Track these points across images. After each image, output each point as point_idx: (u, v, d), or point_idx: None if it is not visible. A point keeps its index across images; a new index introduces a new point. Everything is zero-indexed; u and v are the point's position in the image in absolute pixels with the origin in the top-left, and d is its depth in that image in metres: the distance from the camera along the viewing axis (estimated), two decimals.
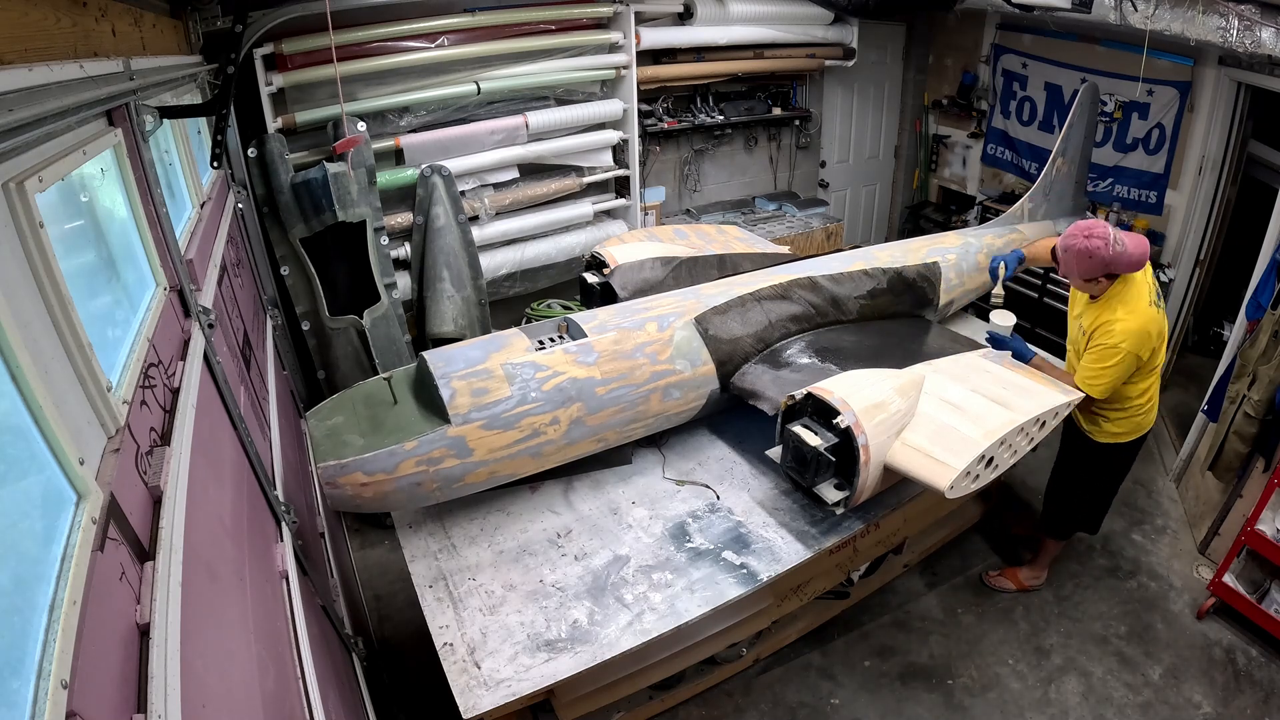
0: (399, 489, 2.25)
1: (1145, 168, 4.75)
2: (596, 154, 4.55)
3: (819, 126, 5.93)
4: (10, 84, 0.97)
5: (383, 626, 3.33)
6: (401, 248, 4.04)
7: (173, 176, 2.41)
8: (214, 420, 1.70)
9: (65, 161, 1.19)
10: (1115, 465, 3.04)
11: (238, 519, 1.60)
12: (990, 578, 3.47)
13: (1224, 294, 4.80)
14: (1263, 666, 3.01)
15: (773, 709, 2.91)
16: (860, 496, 2.31)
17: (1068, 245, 2.61)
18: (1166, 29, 3.56)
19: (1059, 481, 3.21)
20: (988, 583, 3.46)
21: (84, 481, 0.94)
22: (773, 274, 3.12)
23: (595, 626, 2.12)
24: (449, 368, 2.37)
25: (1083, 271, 2.60)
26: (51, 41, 1.22)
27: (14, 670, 0.70)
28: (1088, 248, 2.53)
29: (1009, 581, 3.42)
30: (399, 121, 3.87)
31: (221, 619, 1.26)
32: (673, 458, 2.83)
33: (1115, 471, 3.07)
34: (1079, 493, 3.15)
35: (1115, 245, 2.51)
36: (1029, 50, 5.30)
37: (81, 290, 1.18)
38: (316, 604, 2.07)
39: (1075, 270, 2.62)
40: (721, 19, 4.70)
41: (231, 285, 2.68)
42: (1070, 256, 2.60)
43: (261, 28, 3.12)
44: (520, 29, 4.02)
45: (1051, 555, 3.39)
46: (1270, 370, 3.06)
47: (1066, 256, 2.62)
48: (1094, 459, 3.00)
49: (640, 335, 2.63)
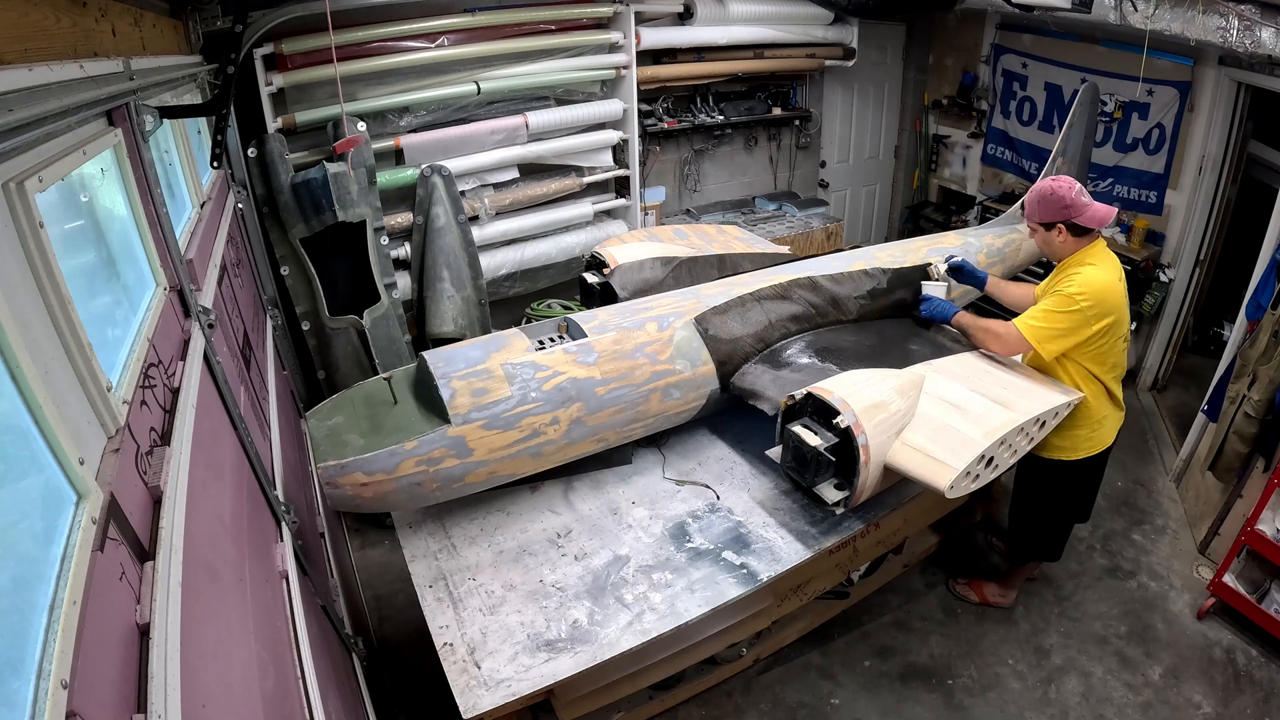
0: (399, 489, 2.25)
1: (1145, 168, 4.75)
2: (596, 154, 4.55)
3: (819, 126, 5.93)
4: (10, 84, 0.97)
5: (383, 626, 3.33)
6: (401, 248, 4.04)
7: (173, 176, 2.40)
8: (214, 420, 1.70)
9: (65, 161, 1.19)
10: (1066, 487, 2.83)
11: (238, 519, 1.60)
12: (956, 584, 3.41)
13: (1224, 294, 4.81)
14: (1263, 666, 3.01)
15: (773, 709, 2.91)
16: (860, 496, 2.31)
17: (1034, 188, 2.63)
18: (1166, 29, 3.56)
19: (1015, 502, 3.10)
20: (952, 588, 3.40)
21: (84, 481, 0.94)
22: (773, 274, 3.12)
23: (595, 626, 2.12)
24: (449, 368, 2.37)
25: (1043, 213, 2.58)
26: (51, 41, 1.22)
27: (14, 670, 0.70)
28: (1052, 187, 2.54)
29: (973, 593, 3.34)
30: (399, 121, 3.87)
31: (221, 619, 1.26)
32: (673, 458, 2.83)
33: (1066, 494, 2.87)
34: (1031, 515, 3.02)
35: (1079, 194, 2.51)
36: (1029, 50, 5.30)
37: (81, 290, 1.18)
38: (316, 604, 2.07)
39: (1037, 210, 2.60)
40: (721, 19, 4.70)
41: (231, 285, 2.68)
42: (1034, 197, 2.62)
43: (261, 28, 3.12)
44: (520, 29, 4.02)
45: (1023, 577, 3.31)
46: (1270, 370, 3.06)
47: (1031, 198, 2.64)
48: (1042, 477, 2.84)
49: (640, 335, 2.63)
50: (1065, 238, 2.58)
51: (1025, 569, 3.29)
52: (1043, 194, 2.57)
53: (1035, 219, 2.63)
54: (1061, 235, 2.58)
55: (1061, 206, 2.52)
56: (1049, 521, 3.03)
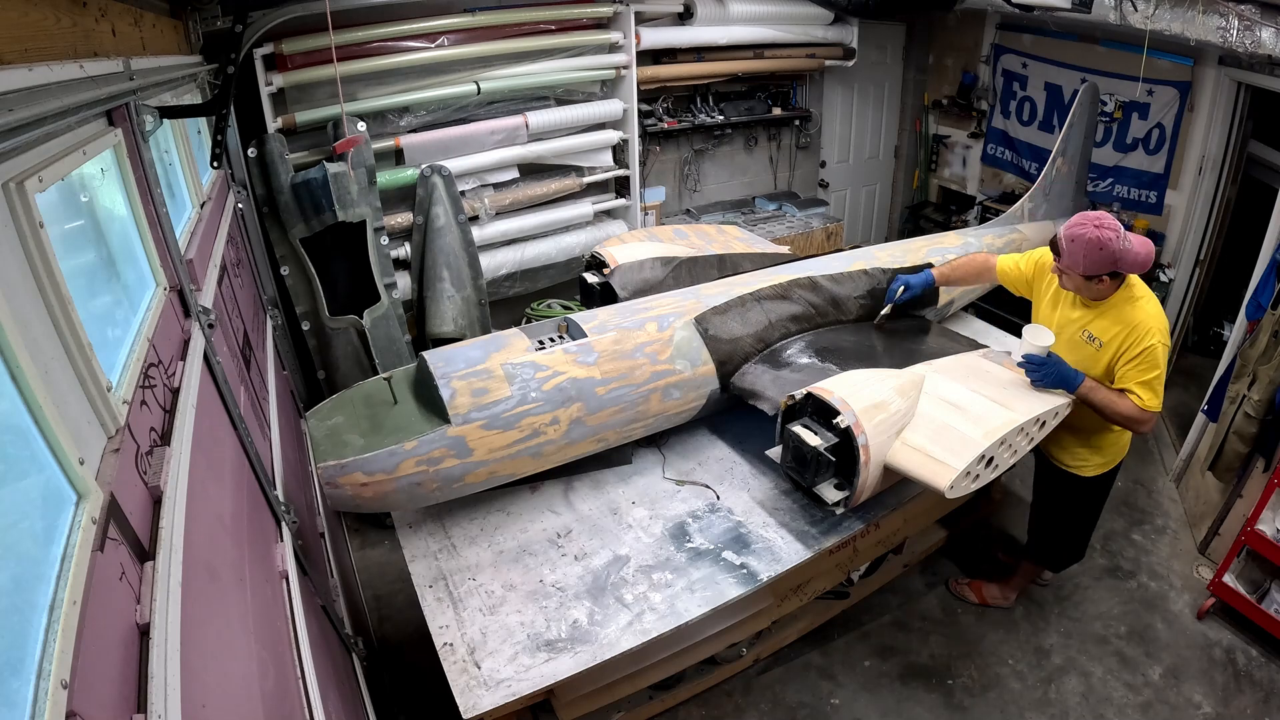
0: (399, 489, 2.25)
1: (1145, 168, 4.75)
2: (596, 154, 4.55)
3: (819, 126, 5.93)
4: (10, 84, 0.97)
5: (383, 626, 3.33)
6: (401, 248, 4.04)
7: (173, 176, 2.40)
8: (214, 420, 1.70)
9: (65, 161, 1.19)
10: (1097, 496, 2.90)
11: (238, 519, 1.60)
12: (955, 585, 3.40)
13: (1224, 294, 4.81)
14: (1263, 666, 3.01)
15: (773, 709, 2.91)
16: (860, 496, 2.31)
17: (1076, 234, 2.31)
18: (1166, 29, 3.56)
19: (1042, 518, 3.07)
20: (952, 589, 3.39)
21: (84, 481, 0.94)
22: (773, 274, 3.12)
23: (595, 626, 2.12)
24: (449, 368, 2.37)
25: (1089, 265, 2.32)
26: (51, 41, 1.22)
27: (14, 670, 0.70)
28: (1100, 238, 2.26)
29: (973, 594, 3.34)
30: (399, 121, 3.87)
31: (221, 619, 1.26)
32: (673, 458, 2.83)
33: (1097, 502, 2.94)
34: (1065, 528, 3.02)
35: (1124, 240, 2.29)
36: (1029, 50, 5.30)
37: (81, 290, 1.18)
38: (316, 604, 2.07)
39: (1081, 262, 2.32)
40: (721, 19, 4.70)
41: (231, 285, 2.68)
42: (1078, 247, 2.31)
43: (261, 28, 3.12)
44: (520, 29, 4.02)
45: (1028, 581, 3.32)
46: (1270, 370, 3.06)
47: (1074, 246, 2.32)
48: (1075, 494, 2.85)
49: (640, 335, 2.63)
50: (1107, 285, 2.40)
51: (1028, 573, 3.28)
52: (1089, 248, 2.29)
53: (1079, 270, 2.36)
54: (1104, 283, 2.39)
55: (1111, 260, 2.29)
56: (1083, 529, 3.04)
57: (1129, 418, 2.43)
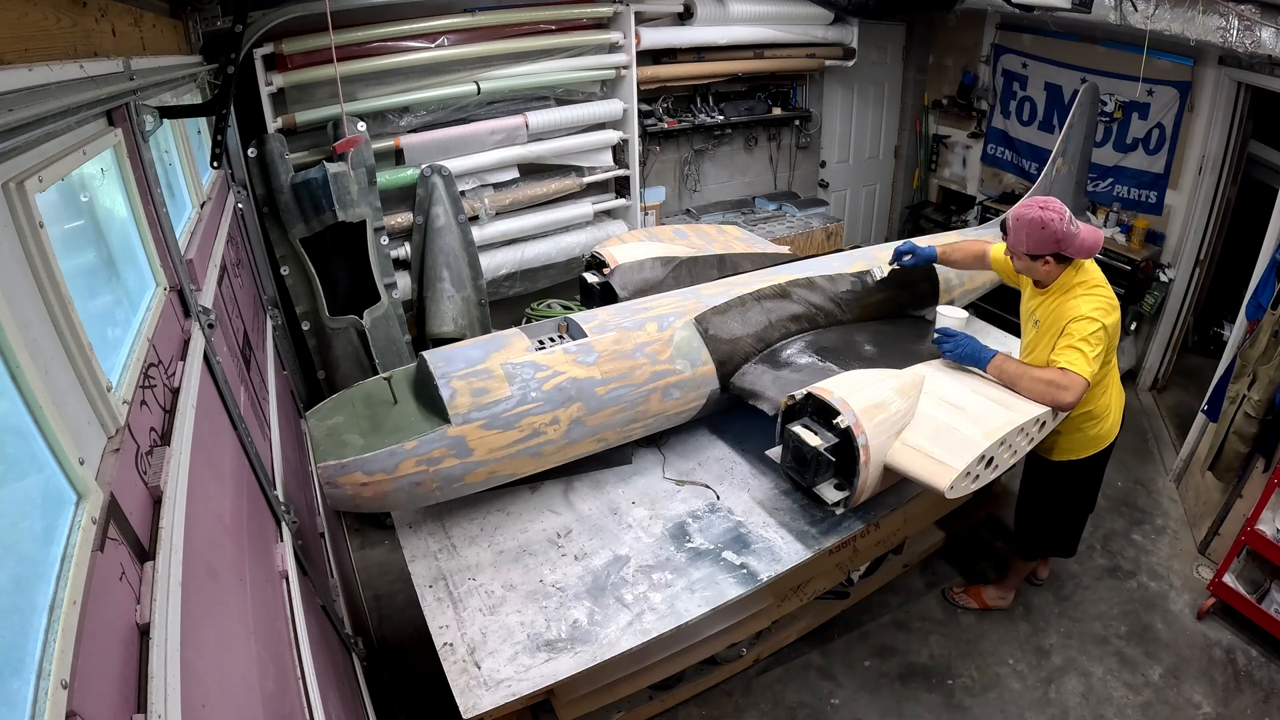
0: (399, 489, 2.25)
1: (1145, 168, 4.75)
2: (596, 154, 4.55)
3: (819, 126, 5.93)
4: (10, 84, 0.97)
5: (383, 626, 3.33)
6: (401, 248, 4.04)
7: (173, 176, 2.40)
8: (214, 420, 1.70)
9: (65, 161, 1.19)
10: (1078, 484, 2.86)
11: (238, 519, 1.60)
12: (954, 594, 3.38)
13: (1224, 294, 4.80)
14: (1263, 666, 3.01)
15: (773, 709, 2.91)
16: (860, 496, 2.31)
17: (1020, 214, 2.42)
18: (1166, 29, 3.56)
19: (1024, 504, 3.06)
20: (951, 599, 3.37)
21: (84, 481, 0.94)
22: (773, 274, 3.12)
23: (595, 626, 2.12)
24: (449, 367, 2.37)
25: (1033, 244, 2.41)
26: (51, 41, 1.22)
27: (14, 670, 0.70)
28: (1042, 218, 2.36)
29: (973, 600, 3.33)
30: (399, 121, 3.87)
31: (221, 619, 1.26)
32: (673, 458, 2.83)
33: (1079, 491, 2.91)
34: (1045, 516, 2.99)
35: (1069, 224, 2.35)
36: (1029, 50, 5.30)
37: (81, 290, 1.17)
38: (316, 604, 2.07)
39: (1025, 241, 2.43)
40: (721, 19, 4.70)
41: (231, 285, 2.68)
42: (1022, 225, 2.41)
43: (261, 28, 3.12)
44: (520, 29, 4.01)
45: (1021, 576, 3.30)
46: (1270, 370, 3.06)
47: (1018, 225, 2.43)
48: (1053, 479, 2.85)
49: (640, 335, 2.63)
50: (1052, 266, 2.47)
51: (1019, 569, 3.27)
52: (1031, 226, 2.39)
53: (1022, 249, 2.47)
54: (1049, 265, 2.46)
55: (1054, 241, 2.38)
56: (1066, 520, 3.02)
57: (1050, 382, 2.34)
